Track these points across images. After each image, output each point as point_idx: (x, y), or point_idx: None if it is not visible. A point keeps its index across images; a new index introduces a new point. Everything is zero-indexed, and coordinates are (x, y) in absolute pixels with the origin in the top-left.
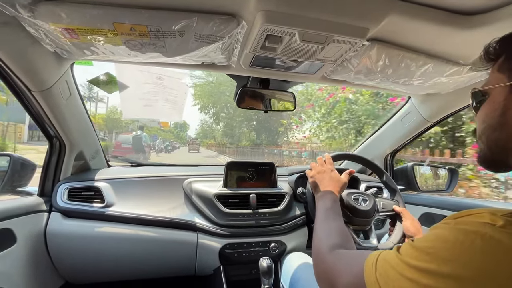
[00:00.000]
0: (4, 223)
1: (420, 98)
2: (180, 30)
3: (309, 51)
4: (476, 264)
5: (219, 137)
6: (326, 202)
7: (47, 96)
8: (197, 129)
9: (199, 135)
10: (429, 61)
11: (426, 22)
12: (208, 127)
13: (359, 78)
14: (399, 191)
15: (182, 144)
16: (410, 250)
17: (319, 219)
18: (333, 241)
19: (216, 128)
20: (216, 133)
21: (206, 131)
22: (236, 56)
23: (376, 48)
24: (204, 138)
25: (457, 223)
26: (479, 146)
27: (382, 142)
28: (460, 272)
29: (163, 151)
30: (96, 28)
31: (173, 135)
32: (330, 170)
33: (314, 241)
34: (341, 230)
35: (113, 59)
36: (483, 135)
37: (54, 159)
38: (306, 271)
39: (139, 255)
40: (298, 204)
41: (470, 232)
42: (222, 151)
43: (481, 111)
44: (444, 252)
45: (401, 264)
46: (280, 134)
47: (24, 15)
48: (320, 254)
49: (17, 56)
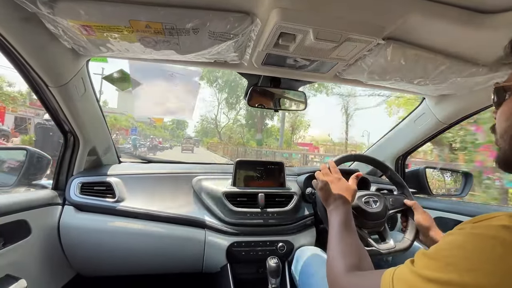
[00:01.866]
0: (21, 214)
1: (435, 99)
2: (194, 28)
3: (322, 50)
4: (500, 273)
5: (228, 134)
6: (339, 216)
7: (63, 92)
8: (196, 125)
9: (198, 133)
10: (446, 61)
11: (445, 21)
12: (211, 122)
13: (373, 78)
14: (406, 185)
15: (178, 143)
16: (425, 261)
17: (332, 236)
18: (349, 262)
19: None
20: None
21: (208, 127)
22: (249, 54)
23: (392, 47)
24: (204, 136)
25: (473, 228)
26: (499, 145)
27: (394, 143)
28: (483, 282)
29: (133, 150)
30: (112, 25)
31: (168, 133)
32: (338, 179)
33: (328, 260)
34: (356, 248)
35: (128, 56)
36: (506, 134)
37: (68, 154)
38: (321, 267)
39: (149, 250)
40: (307, 205)
41: (489, 238)
42: (225, 152)
43: (505, 107)
44: (464, 262)
45: (419, 280)
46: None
47: (44, 11)
48: (336, 278)
49: (36, 52)
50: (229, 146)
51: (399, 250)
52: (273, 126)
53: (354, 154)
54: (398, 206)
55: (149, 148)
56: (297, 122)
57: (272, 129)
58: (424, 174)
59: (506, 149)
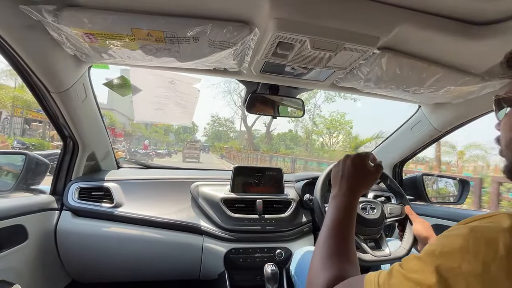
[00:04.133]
0: (18, 219)
1: (431, 107)
2: (195, 36)
3: (319, 58)
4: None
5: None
6: (343, 204)
7: (64, 98)
8: (206, 127)
9: (209, 138)
10: (440, 71)
11: (438, 32)
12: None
13: (369, 86)
14: (405, 195)
15: (176, 150)
16: (414, 262)
17: (323, 231)
18: (331, 274)
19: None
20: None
21: (220, 131)
22: (248, 62)
23: (387, 56)
24: (216, 140)
25: (472, 230)
26: (504, 155)
27: (391, 151)
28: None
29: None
30: (115, 33)
31: (169, 137)
32: (361, 159)
33: (309, 272)
34: (346, 250)
35: (129, 63)
36: (511, 144)
37: (67, 159)
38: None
39: (146, 256)
40: (305, 211)
41: (492, 241)
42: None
43: (507, 118)
44: (467, 266)
45: (410, 284)
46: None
47: (48, 19)
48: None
49: (39, 58)
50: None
51: (394, 258)
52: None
53: None
54: (396, 215)
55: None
56: (334, 123)
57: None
58: (421, 181)
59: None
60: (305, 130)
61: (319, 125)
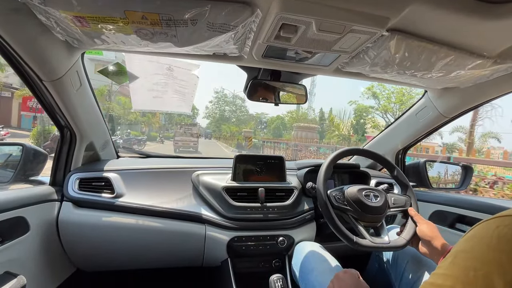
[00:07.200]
0: (18, 211)
1: (437, 92)
2: (193, 19)
3: (325, 42)
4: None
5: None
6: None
7: (58, 86)
8: (208, 106)
9: (211, 124)
10: (451, 53)
11: (451, 11)
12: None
13: (375, 71)
14: (411, 187)
15: (164, 137)
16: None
17: None
18: None
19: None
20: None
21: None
22: (249, 46)
23: (396, 39)
24: (221, 123)
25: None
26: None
27: (395, 137)
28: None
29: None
30: (107, 16)
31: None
32: (352, 276)
33: None
34: None
35: (124, 49)
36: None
37: (65, 149)
38: (320, 263)
39: (148, 245)
40: (307, 199)
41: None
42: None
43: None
44: (499, 281)
45: None
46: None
47: (34, 1)
48: None
49: (28, 44)
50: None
51: (393, 247)
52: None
53: (361, 149)
54: (399, 206)
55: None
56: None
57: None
58: (424, 168)
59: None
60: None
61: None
